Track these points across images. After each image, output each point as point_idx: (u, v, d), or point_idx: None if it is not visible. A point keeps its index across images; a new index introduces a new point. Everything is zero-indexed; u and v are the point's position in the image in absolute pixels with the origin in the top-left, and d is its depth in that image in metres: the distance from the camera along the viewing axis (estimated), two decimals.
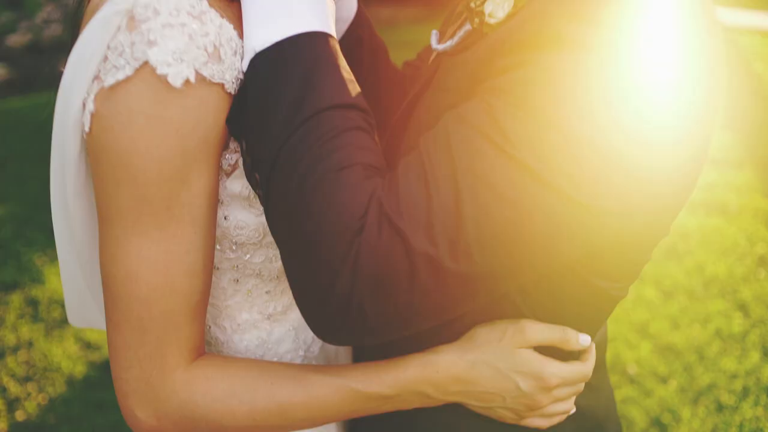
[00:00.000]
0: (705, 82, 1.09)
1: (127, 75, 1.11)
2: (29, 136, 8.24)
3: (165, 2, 1.12)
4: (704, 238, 5.67)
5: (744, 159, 7.40)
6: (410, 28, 13.36)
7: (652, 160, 1.06)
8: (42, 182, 6.67)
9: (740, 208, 6.22)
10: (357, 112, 1.17)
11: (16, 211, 6.22)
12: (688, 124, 1.08)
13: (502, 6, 1.18)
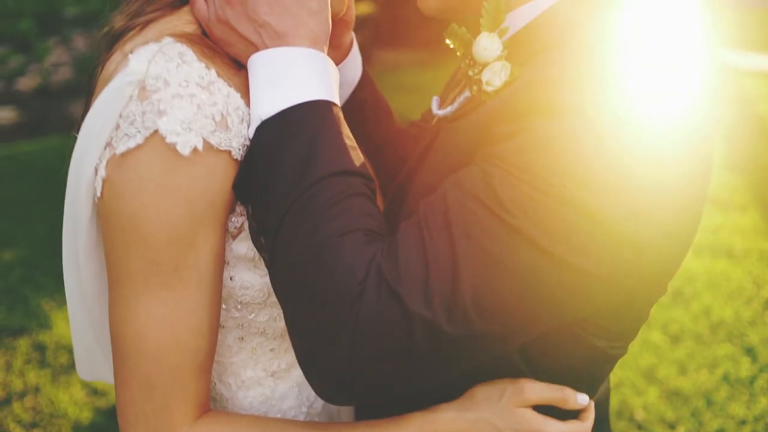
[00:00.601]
0: (698, 148, 1.13)
1: (138, 143, 1.17)
2: (38, 179, 8.32)
3: (175, 73, 1.18)
4: (710, 281, 5.67)
5: (749, 201, 7.42)
6: (413, 72, 13.50)
7: (646, 225, 1.09)
8: (51, 226, 6.73)
9: (746, 250, 6.22)
10: (358, 179, 1.21)
11: (24, 256, 6.26)
12: (682, 191, 1.12)
13: (499, 74, 1.22)
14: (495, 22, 1.26)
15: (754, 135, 9.87)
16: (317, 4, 1.30)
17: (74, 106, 14.55)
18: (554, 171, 1.06)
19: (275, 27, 1.26)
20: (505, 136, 1.12)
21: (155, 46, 1.21)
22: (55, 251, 5.97)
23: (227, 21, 1.28)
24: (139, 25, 1.31)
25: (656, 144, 1.07)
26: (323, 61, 1.29)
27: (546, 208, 1.07)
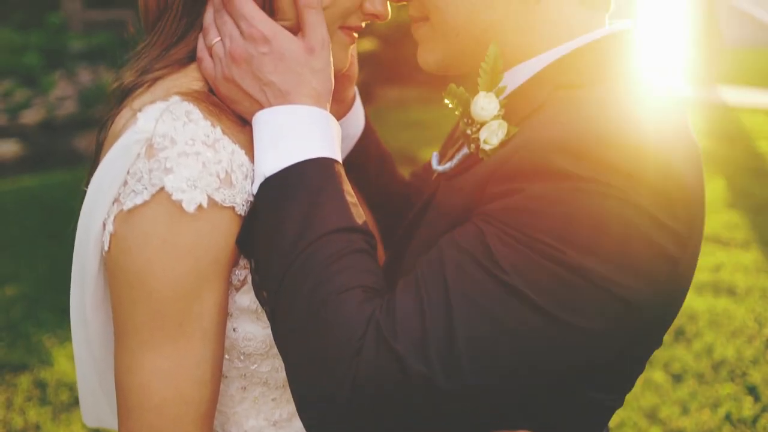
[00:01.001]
0: (690, 207, 1.15)
1: (145, 200, 1.20)
2: (41, 215, 8.35)
3: (182, 132, 1.22)
4: (712, 319, 5.67)
5: (750, 238, 7.44)
6: (418, 108, 13.61)
7: (638, 284, 1.12)
8: (53, 262, 6.75)
9: (748, 288, 6.23)
10: (359, 235, 1.25)
11: (26, 291, 6.28)
12: (675, 251, 1.14)
13: (496, 133, 1.26)
14: (492, 82, 1.30)
15: (754, 172, 9.91)
16: (320, 63, 1.34)
17: (79, 139, 14.67)
18: (547, 231, 1.10)
19: (279, 85, 1.31)
20: (500, 196, 1.16)
21: (163, 104, 1.26)
22: (57, 287, 6.00)
23: (233, 79, 1.32)
24: (147, 81, 1.34)
25: (649, 204, 1.10)
26: (326, 118, 1.33)
27: (539, 267, 1.10)
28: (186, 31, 1.40)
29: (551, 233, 1.10)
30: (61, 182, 9.89)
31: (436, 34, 1.38)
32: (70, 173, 10.46)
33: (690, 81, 17.73)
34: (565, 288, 1.10)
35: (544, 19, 1.31)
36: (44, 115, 16.72)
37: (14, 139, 14.99)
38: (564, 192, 1.10)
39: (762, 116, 13.64)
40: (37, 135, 15.94)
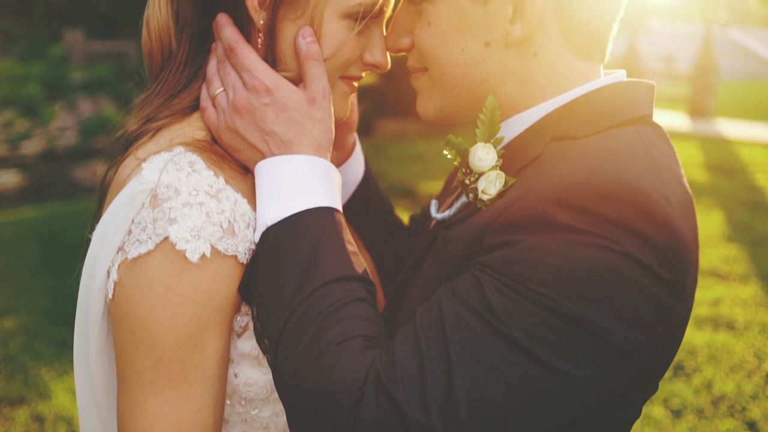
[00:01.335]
0: (684, 256, 1.17)
1: (149, 249, 1.23)
2: (41, 247, 8.37)
3: (185, 182, 1.25)
4: (712, 354, 5.66)
5: (749, 272, 7.45)
6: (418, 142, 13.67)
7: (634, 333, 1.14)
8: (52, 295, 6.75)
9: (747, 323, 6.23)
10: (359, 283, 1.27)
11: (25, 324, 6.27)
12: (670, 301, 1.16)
13: (494, 183, 1.28)
14: (490, 133, 1.33)
15: (752, 206, 9.94)
16: (321, 113, 1.37)
17: (79, 170, 14.74)
18: (544, 282, 1.12)
19: (281, 135, 1.34)
20: (497, 246, 1.19)
21: (167, 155, 1.29)
22: (56, 320, 5.98)
23: (236, 129, 1.35)
24: (152, 130, 1.37)
25: (643, 255, 1.12)
26: (326, 167, 1.36)
27: (536, 317, 1.12)
28: (189, 81, 1.44)
29: (547, 284, 1.12)
30: (60, 214, 9.92)
31: (434, 85, 1.42)
32: (69, 204, 10.51)
33: (688, 114, 17.85)
34: (560, 337, 1.12)
35: (540, 71, 1.34)
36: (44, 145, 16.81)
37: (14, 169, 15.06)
38: (560, 244, 1.12)
39: (760, 149, 13.71)
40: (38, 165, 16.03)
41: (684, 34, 25.11)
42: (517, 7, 1.29)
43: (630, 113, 1.31)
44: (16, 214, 10.33)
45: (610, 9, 1.34)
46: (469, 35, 1.33)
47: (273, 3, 1.34)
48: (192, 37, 1.43)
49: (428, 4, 1.35)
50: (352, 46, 1.41)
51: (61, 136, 17.35)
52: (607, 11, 1.34)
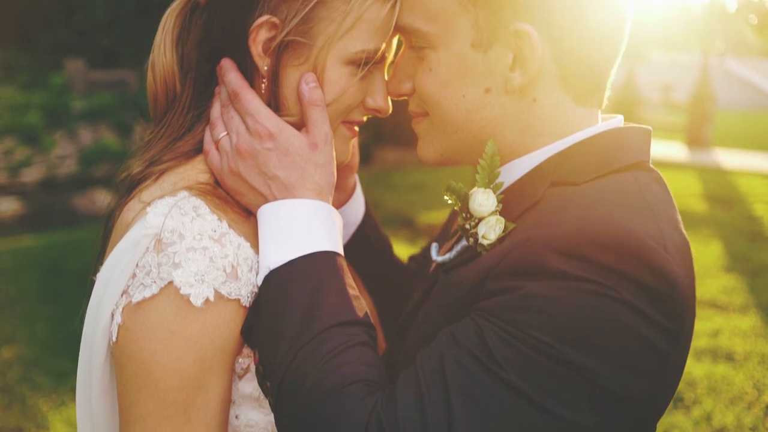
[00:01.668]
0: (680, 304, 1.19)
1: (153, 293, 1.24)
2: (40, 276, 8.36)
3: (189, 227, 1.27)
4: (711, 386, 5.65)
5: (748, 302, 7.44)
6: (417, 171, 13.73)
7: (632, 380, 1.16)
8: (51, 325, 6.74)
9: (746, 353, 6.21)
10: (360, 328, 1.29)
11: (23, 354, 6.26)
12: (666, 347, 1.18)
13: (494, 228, 1.30)
14: (490, 178, 1.35)
15: (751, 236, 9.95)
16: (323, 158, 1.39)
17: (78, 198, 14.77)
18: (543, 328, 1.14)
19: (284, 180, 1.36)
20: (497, 292, 1.21)
21: (171, 200, 1.30)
22: (55, 350, 5.95)
23: (239, 173, 1.37)
24: (156, 173, 1.39)
25: (640, 302, 1.14)
26: (328, 211, 1.38)
27: (535, 363, 1.14)
28: (193, 124, 1.46)
29: (546, 331, 1.14)
30: (59, 242, 9.92)
31: (435, 129, 1.44)
32: (69, 233, 10.51)
33: (685, 144, 17.93)
34: (560, 384, 1.14)
35: (539, 117, 1.37)
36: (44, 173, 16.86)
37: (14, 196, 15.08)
38: (558, 291, 1.14)
39: (758, 179, 13.76)
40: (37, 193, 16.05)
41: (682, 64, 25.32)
42: (517, 55, 1.31)
43: (627, 159, 1.33)
44: (15, 242, 10.33)
45: (608, 56, 1.37)
46: (469, 82, 1.36)
47: (277, 49, 1.37)
48: (196, 82, 1.46)
49: (430, 50, 1.38)
50: (354, 91, 1.44)
51: (61, 164, 17.38)
52: (604, 59, 1.36)
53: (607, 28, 1.34)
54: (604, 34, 1.33)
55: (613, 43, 1.36)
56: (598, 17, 1.31)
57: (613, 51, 1.37)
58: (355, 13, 1.36)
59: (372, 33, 1.39)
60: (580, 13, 1.30)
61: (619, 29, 1.36)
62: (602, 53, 1.35)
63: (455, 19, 1.33)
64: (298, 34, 1.36)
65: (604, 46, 1.35)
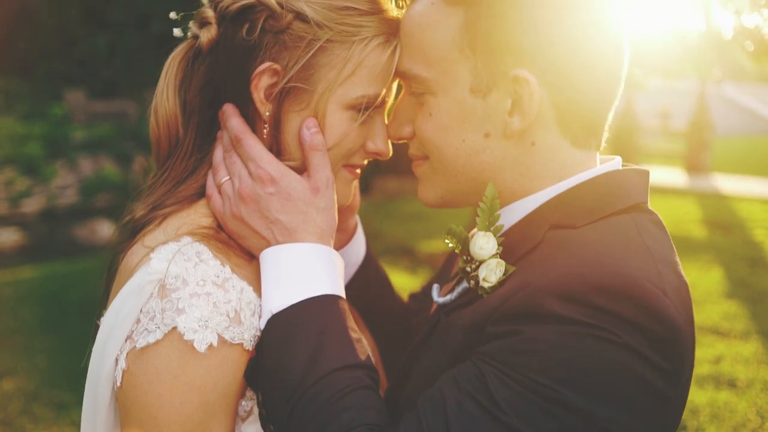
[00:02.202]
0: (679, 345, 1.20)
1: (157, 339, 1.26)
2: (40, 308, 8.34)
3: (193, 273, 1.28)
4: (714, 413, 5.62)
5: (750, 329, 7.41)
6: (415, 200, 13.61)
7: (632, 421, 1.17)
8: (51, 357, 6.71)
9: (749, 380, 6.19)
10: (363, 371, 1.30)
11: (23, 386, 6.23)
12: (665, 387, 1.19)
13: (495, 271, 1.32)
14: (490, 221, 1.36)
15: (751, 262, 9.94)
16: (325, 201, 1.41)
17: (79, 228, 14.79)
18: (543, 372, 1.15)
19: (286, 224, 1.38)
20: (498, 336, 1.22)
21: (175, 245, 1.32)
22: (55, 383, 5.93)
23: (241, 217, 1.39)
24: (159, 217, 1.41)
25: (639, 346, 1.15)
26: (329, 255, 1.40)
27: (535, 406, 1.15)
28: (196, 167, 1.48)
29: (547, 374, 1.15)
30: (60, 274, 9.91)
31: (436, 173, 1.46)
32: (69, 264, 10.51)
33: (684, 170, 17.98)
34: (561, 427, 1.15)
35: (538, 160, 1.38)
36: (45, 203, 16.89)
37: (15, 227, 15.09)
38: (559, 335, 1.16)
39: (757, 205, 13.76)
40: (38, 223, 16.07)
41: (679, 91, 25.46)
42: (515, 101, 1.33)
43: (625, 201, 1.35)
44: (15, 273, 10.32)
45: (606, 101, 1.39)
46: (469, 126, 1.38)
47: (279, 95, 1.40)
48: (199, 126, 1.49)
49: (429, 95, 1.40)
50: (355, 135, 1.46)
51: (61, 195, 17.42)
52: (602, 103, 1.39)
53: (605, 74, 1.36)
54: (601, 79, 1.36)
55: (611, 87, 1.38)
56: (595, 64, 1.34)
57: (611, 95, 1.39)
58: (355, 59, 1.39)
59: (372, 78, 1.42)
60: (578, 59, 1.32)
61: (616, 75, 1.39)
62: (600, 98, 1.38)
63: (454, 66, 1.35)
64: (299, 80, 1.39)
65: (602, 91, 1.37)
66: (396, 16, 1.47)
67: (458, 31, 1.34)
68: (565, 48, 1.31)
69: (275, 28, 1.38)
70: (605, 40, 1.35)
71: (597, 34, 1.33)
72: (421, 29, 1.39)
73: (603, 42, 1.34)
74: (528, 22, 1.30)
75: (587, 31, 1.32)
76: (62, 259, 11.25)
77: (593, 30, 1.33)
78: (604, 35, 1.34)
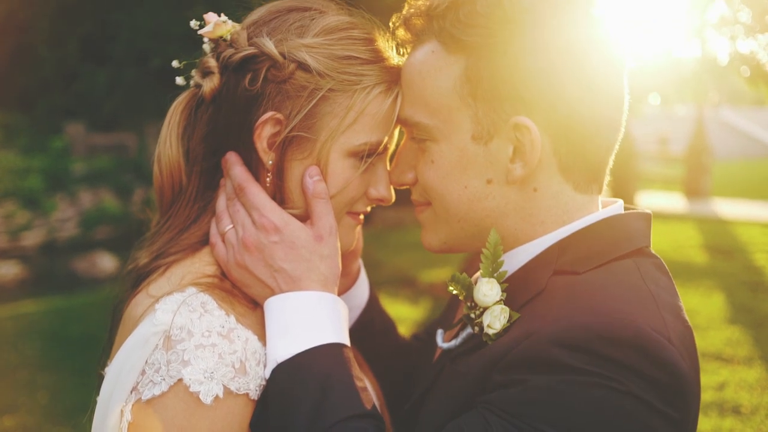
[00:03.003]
0: (679, 394, 1.20)
1: (163, 391, 1.25)
2: (41, 343, 8.30)
3: (198, 324, 1.28)
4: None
5: (753, 354, 7.38)
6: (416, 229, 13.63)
7: None
8: (53, 392, 6.67)
9: (753, 406, 6.15)
10: (369, 421, 1.29)
11: (24, 422, 6.19)
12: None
13: (499, 318, 1.32)
14: (494, 267, 1.37)
15: (753, 286, 9.92)
16: (328, 249, 1.41)
17: (79, 261, 14.76)
18: (549, 421, 1.16)
19: (290, 272, 1.38)
20: (503, 385, 1.22)
21: (180, 296, 1.32)
22: (57, 419, 5.90)
23: (245, 266, 1.39)
24: (163, 266, 1.41)
25: (644, 393, 1.15)
26: (334, 302, 1.40)
27: None
28: (199, 215, 1.49)
29: (553, 423, 1.15)
30: (60, 308, 9.89)
31: (438, 219, 1.46)
32: (69, 299, 10.49)
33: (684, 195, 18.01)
34: None
35: (540, 206, 1.39)
36: (45, 236, 16.88)
37: (15, 260, 15.06)
38: (564, 384, 1.16)
39: (757, 229, 13.76)
40: (38, 256, 16.04)
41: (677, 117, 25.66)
42: (517, 148, 1.34)
43: (628, 246, 1.36)
44: (16, 308, 10.29)
45: (607, 146, 1.40)
46: (471, 173, 1.39)
47: (282, 144, 1.41)
48: (202, 174, 1.49)
49: (431, 142, 1.41)
50: (358, 182, 1.47)
51: (61, 228, 17.42)
52: (604, 148, 1.40)
53: (606, 121, 1.37)
54: (602, 125, 1.37)
55: (612, 134, 1.40)
56: (596, 110, 1.35)
57: (612, 141, 1.40)
58: (357, 107, 1.40)
59: (374, 126, 1.43)
60: (579, 107, 1.33)
61: (617, 121, 1.40)
62: (601, 143, 1.38)
63: (456, 113, 1.37)
64: (302, 129, 1.40)
65: (603, 137, 1.38)
66: (397, 63, 1.48)
67: (459, 79, 1.36)
68: (566, 95, 1.32)
69: (278, 77, 1.40)
70: (606, 89, 1.36)
71: (598, 82, 1.35)
72: (422, 77, 1.40)
73: (604, 90, 1.36)
74: (529, 70, 1.31)
75: (589, 80, 1.33)
76: (63, 292, 11.22)
77: (594, 79, 1.34)
78: (605, 84, 1.36)
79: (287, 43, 1.41)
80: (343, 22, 1.46)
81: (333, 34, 1.43)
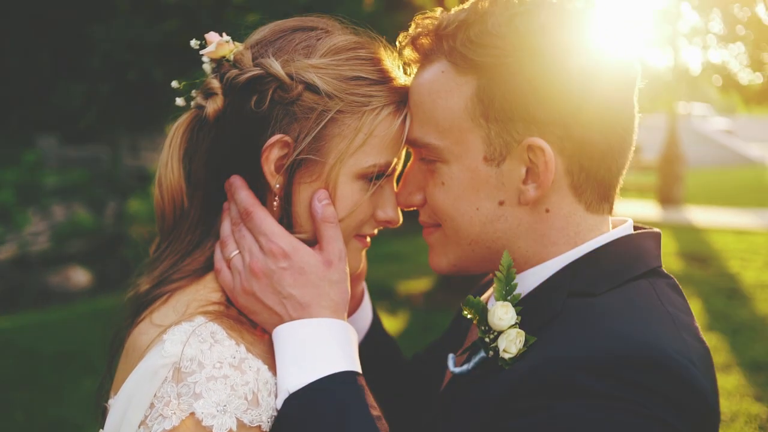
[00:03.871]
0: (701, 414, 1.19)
1: (174, 425, 1.21)
2: (14, 361, 8.14)
3: (209, 355, 1.24)
4: None
5: (731, 361, 7.42)
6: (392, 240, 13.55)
7: None
8: (28, 412, 6.56)
9: (732, 414, 6.18)
10: None
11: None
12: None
13: (515, 342, 1.29)
14: (507, 290, 1.35)
15: (729, 293, 10.00)
16: (338, 274, 1.38)
17: (52, 276, 14.58)
18: None
19: (299, 299, 1.35)
20: (525, 412, 1.19)
21: (188, 326, 1.28)
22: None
23: (253, 293, 1.36)
24: (165, 293, 1.37)
25: (668, 416, 1.14)
26: (344, 329, 1.37)
27: None
28: (201, 240, 1.45)
29: None
30: (33, 324, 9.73)
31: (448, 241, 1.44)
32: (42, 314, 10.33)
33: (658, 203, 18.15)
34: None
35: (553, 227, 1.37)
36: (16, 251, 16.66)
37: None
38: (589, 409, 1.13)
39: (731, 236, 13.89)
40: (10, 271, 15.81)
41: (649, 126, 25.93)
42: (530, 169, 1.33)
43: (642, 267, 1.34)
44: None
45: (618, 165, 1.39)
46: (483, 195, 1.37)
47: (290, 168, 1.37)
48: (205, 198, 1.46)
49: (441, 164, 1.39)
50: (366, 205, 1.44)
51: (33, 242, 17.20)
52: (615, 167, 1.38)
53: (618, 139, 1.36)
54: (614, 144, 1.35)
55: (624, 151, 1.39)
56: (609, 130, 1.34)
57: (623, 159, 1.39)
58: (366, 129, 1.38)
59: (383, 148, 1.41)
60: (593, 126, 1.32)
61: (629, 139, 1.39)
62: (613, 162, 1.37)
63: (467, 134, 1.35)
64: (310, 152, 1.37)
65: (615, 156, 1.37)
66: (404, 83, 1.46)
67: (471, 99, 1.34)
68: (580, 115, 1.31)
69: (285, 99, 1.37)
70: (619, 108, 1.35)
71: (611, 101, 1.33)
72: (431, 98, 1.38)
73: (616, 109, 1.34)
74: (542, 90, 1.29)
75: (602, 99, 1.32)
76: (35, 307, 11.05)
77: (608, 98, 1.33)
78: (617, 103, 1.35)
79: (294, 64, 1.38)
80: (350, 42, 1.43)
81: (340, 54, 1.40)
